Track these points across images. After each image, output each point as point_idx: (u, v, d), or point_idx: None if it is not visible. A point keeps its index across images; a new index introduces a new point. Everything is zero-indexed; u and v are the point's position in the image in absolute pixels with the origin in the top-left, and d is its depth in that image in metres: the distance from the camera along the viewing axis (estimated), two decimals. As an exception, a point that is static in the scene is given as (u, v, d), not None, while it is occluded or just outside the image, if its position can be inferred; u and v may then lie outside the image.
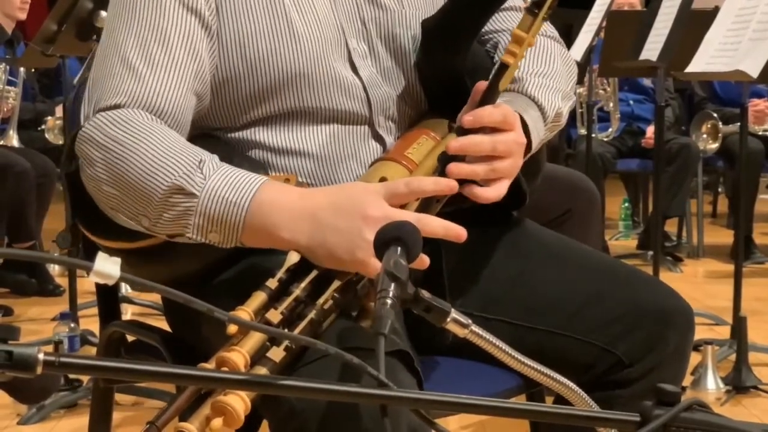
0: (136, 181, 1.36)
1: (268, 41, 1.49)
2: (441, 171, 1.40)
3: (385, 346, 1.27)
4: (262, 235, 1.33)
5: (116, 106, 1.42)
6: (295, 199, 1.33)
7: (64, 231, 1.47)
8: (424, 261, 1.30)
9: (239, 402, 1.16)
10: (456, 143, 1.40)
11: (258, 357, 1.22)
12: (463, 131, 1.41)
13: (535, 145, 1.51)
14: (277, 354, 1.22)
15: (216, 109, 1.52)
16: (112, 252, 1.49)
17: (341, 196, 1.32)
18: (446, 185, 1.36)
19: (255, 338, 1.23)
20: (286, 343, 1.23)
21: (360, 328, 1.31)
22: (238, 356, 1.20)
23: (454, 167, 1.39)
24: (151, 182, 1.35)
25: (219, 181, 1.33)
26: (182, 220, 1.35)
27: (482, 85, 1.45)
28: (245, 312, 1.25)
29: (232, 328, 1.23)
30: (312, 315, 1.26)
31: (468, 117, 1.41)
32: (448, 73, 1.56)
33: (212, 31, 1.48)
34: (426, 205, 1.36)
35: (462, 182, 1.40)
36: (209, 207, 1.33)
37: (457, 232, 1.34)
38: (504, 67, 1.43)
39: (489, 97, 1.43)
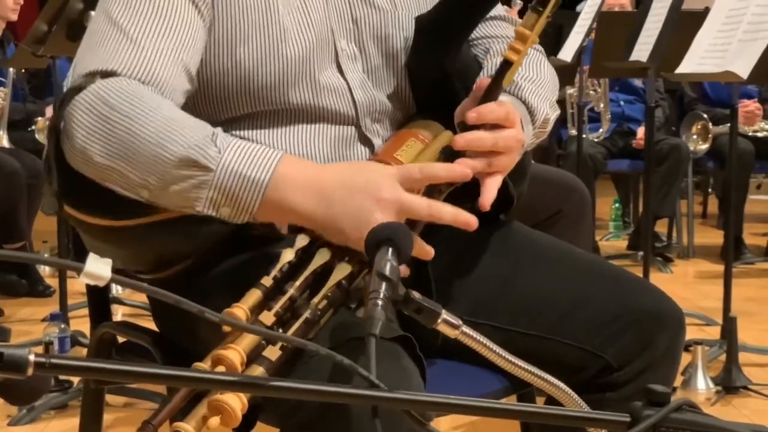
0: (139, 152, 1.32)
1: (257, 42, 1.48)
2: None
3: (387, 333, 1.28)
4: (277, 210, 1.33)
5: (112, 72, 1.39)
6: (312, 174, 1.34)
7: (50, 195, 1.45)
8: (404, 271, 1.31)
9: (236, 401, 1.16)
10: (462, 139, 1.42)
11: (255, 355, 1.22)
12: (466, 127, 1.43)
13: (524, 147, 1.52)
14: (273, 353, 1.22)
15: (199, 104, 1.51)
16: (95, 229, 1.46)
17: (358, 176, 1.33)
18: (460, 172, 1.38)
19: (251, 336, 1.22)
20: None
21: (358, 320, 1.31)
22: (235, 354, 1.20)
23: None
24: (159, 154, 1.31)
25: (235, 155, 1.31)
26: (193, 193, 1.32)
27: (485, 81, 1.46)
28: (240, 309, 1.24)
29: (227, 327, 1.23)
30: (307, 314, 1.26)
31: (472, 114, 1.42)
32: (437, 72, 1.57)
33: (206, 22, 1.48)
34: (429, 196, 1.37)
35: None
36: (226, 182, 1.31)
37: (466, 218, 1.35)
38: (508, 64, 1.44)
39: (492, 94, 1.45)
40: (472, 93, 1.48)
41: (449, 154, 1.43)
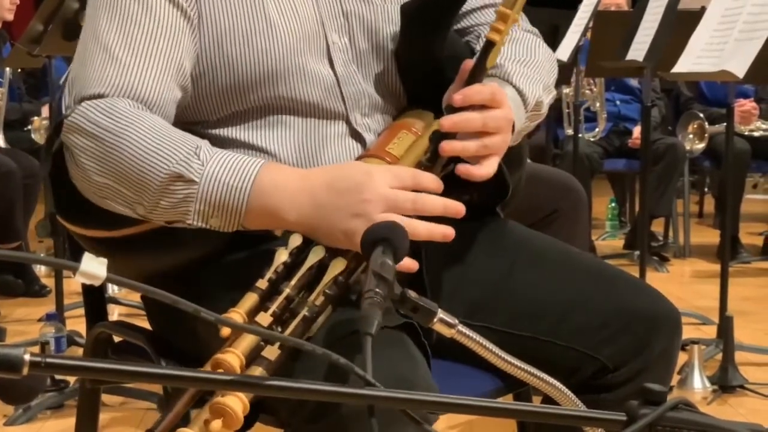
0: (130, 170, 1.34)
1: (244, 36, 1.48)
2: (434, 149, 1.42)
3: (392, 322, 1.28)
4: (264, 217, 1.34)
5: (99, 96, 1.41)
6: (296, 180, 1.34)
7: (44, 219, 1.46)
8: (411, 265, 1.31)
9: (237, 403, 1.15)
10: (448, 121, 1.41)
11: (253, 356, 1.22)
12: (453, 110, 1.42)
13: (516, 131, 1.51)
14: (272, 352, 1.21)
15: (191, 106, 1.51)
16: (89, 241, 1.48)
17: (342, 177, 1.34)
18: (441, 187, 1.37)
19: (249, 338, 1.22)
20: None
21: (359, 315, 1.31)
22: (233, 357, 1.20)
23: (446, 145, 1.41)
24: (148, 170, 1.34)
25: (217, 166, 1.33)
26: (181, 207, 1.34)
27: (469, 64, 1.46)
28: (237, 313, 1.24)
29: (225, 330, 1.23)
30: (305, 312, 1.26)
31: (457, 96, 1.42)
32: (427, 58, 1.57)
33: (193, 24, 1.48)
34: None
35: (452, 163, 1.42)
36: (210, 193, 1.33)
37: (456, 207, 1.35)
38: (490, 44, 1.44)
39: (476, 76, 1.45)
40: (457, 77, 1.47)
41: (438, 138, 1.43)
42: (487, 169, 1.42)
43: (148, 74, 1.43)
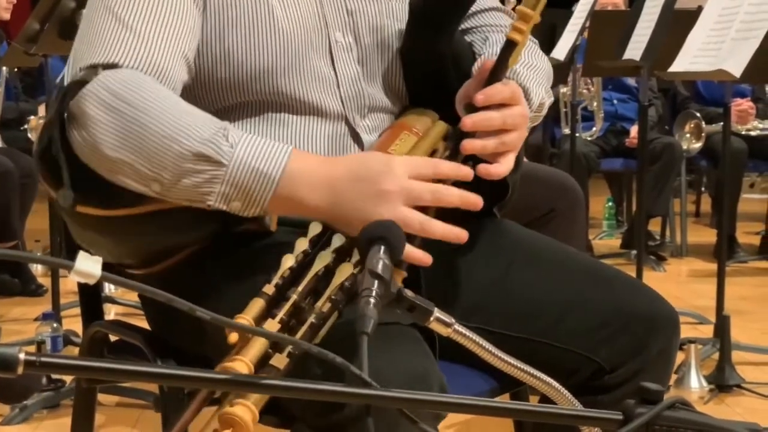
0: (151, 146, 1.31)
1: (246, 30, 1.48)
2: (454, 148, 1.44)
3: (406, 320, 1.29)
4: (287, 204, 1.33)
5: (114, 65, 1.37)
6: (319, 167, 1.33)
7: (64, 189, 1.41)
8: (425, 258, 1.31)
9: (247, 412, 1.13)
10: (470, 120, 1.42)
11: (262, 365, 1.20)
12: (473, 109, 1.44)
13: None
14: (280, 361, 1.20)
15: (191, 94, 1.49)
16: (83, 218, 1.43)
17: (362, 166, 1.33)
18: (465, 173, 1.38)
19: (257, 346, 1.20)
20: (288, 349, 1.20)
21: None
22: (241, 365, 1.18)
23: (467, 143, 1.42)
24: (172, 148, 1.30)
25: (247, 150, 1.30)
26: (204, 187, 1.31)
27: (489, 63, 1.47)
28: (245, 320, 1.23)
29: (233, 337, 1.21)
30: (312, 319, 1.24)
31: (480, 95, 1.43)
32: (431, 57, 1.57)
33: (200, 10, 1.47)
34: None
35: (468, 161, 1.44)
36: (238, 176, 1.30)
37: (474, 199, 1.36)
38: (512, 44, 1.45)
39: (497, 75, 1.46)
40: (477, 74, 1.49)
41: (457, 137, 1.44)
42: (505, 166, 1.45)
43: (164, 49, 1.40)
